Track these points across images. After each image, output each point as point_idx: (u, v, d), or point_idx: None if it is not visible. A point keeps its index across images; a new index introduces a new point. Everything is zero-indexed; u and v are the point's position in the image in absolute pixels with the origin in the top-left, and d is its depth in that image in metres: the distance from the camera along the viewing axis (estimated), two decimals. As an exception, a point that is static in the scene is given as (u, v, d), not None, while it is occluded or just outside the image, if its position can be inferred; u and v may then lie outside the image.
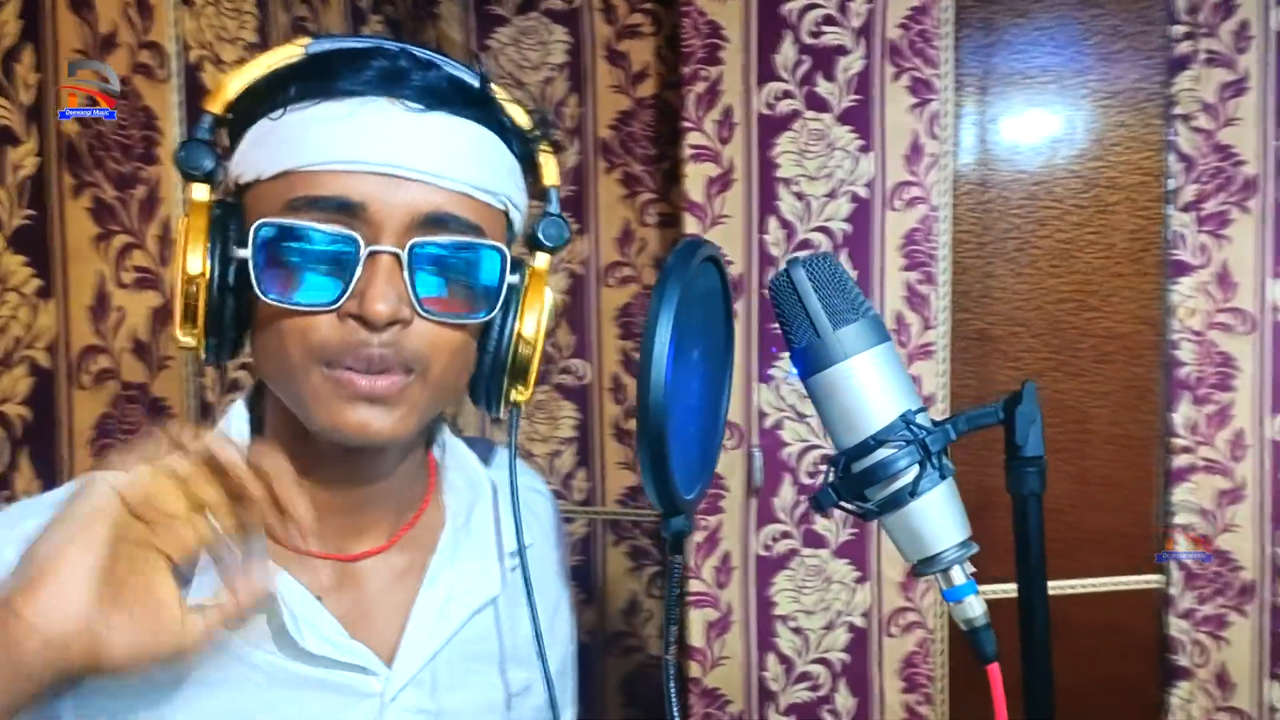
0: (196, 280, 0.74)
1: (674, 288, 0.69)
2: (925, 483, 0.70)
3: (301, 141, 0.73)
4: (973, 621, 0.73)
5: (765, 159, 1.82)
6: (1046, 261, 1.95)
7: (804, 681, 1.89)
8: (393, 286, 0.73)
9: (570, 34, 2.07)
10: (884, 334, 0.73)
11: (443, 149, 0.75)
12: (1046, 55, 1.92)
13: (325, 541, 0.84)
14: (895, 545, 0.74)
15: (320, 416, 0.76)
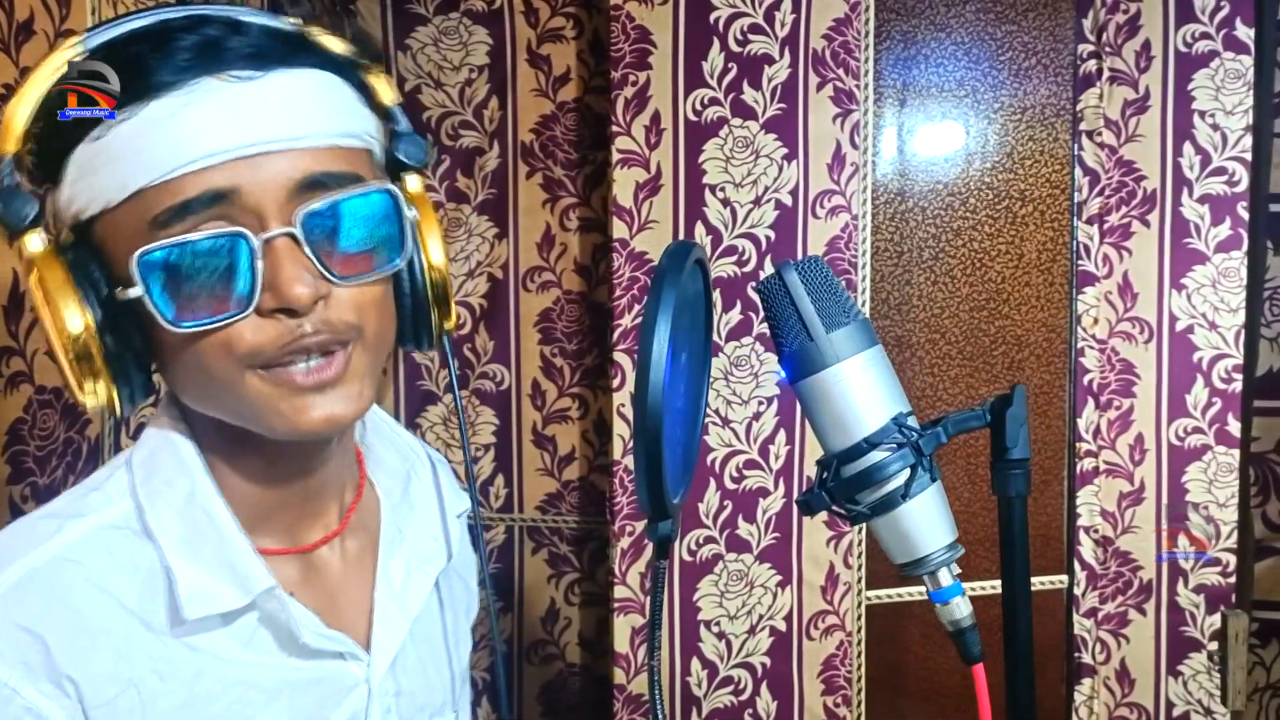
0: (82, 337, 0.68)
1: (670, 290, 0.68)
2: (917, 485, 0.71)
3: (140, 154, 0.66)
4: (959, 623, 0.74)
5: (693, 165, 1.82)
6: (961, 270, 2.00)
7: (727, 686, 1.90)
8: (301, 266, 0.68)
9: (491, 35, 2.04)
10: (874, 338, 0.74)
11: (289, 109, 0.69)
12: (963, 69, 1.97)
13: (280, 536, 0.81)
14: (884, 547, 0.74)
15: (273, 421, 0.71)
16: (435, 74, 2.04)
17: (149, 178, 0.66)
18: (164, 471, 0.76)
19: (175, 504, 0.75)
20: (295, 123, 0.69)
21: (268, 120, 0.68)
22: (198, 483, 0.75)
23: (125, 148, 0.66)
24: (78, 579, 0.71)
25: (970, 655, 0.74)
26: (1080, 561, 2.02)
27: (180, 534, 0.74)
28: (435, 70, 2.04)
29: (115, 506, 0.75)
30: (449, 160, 2.05)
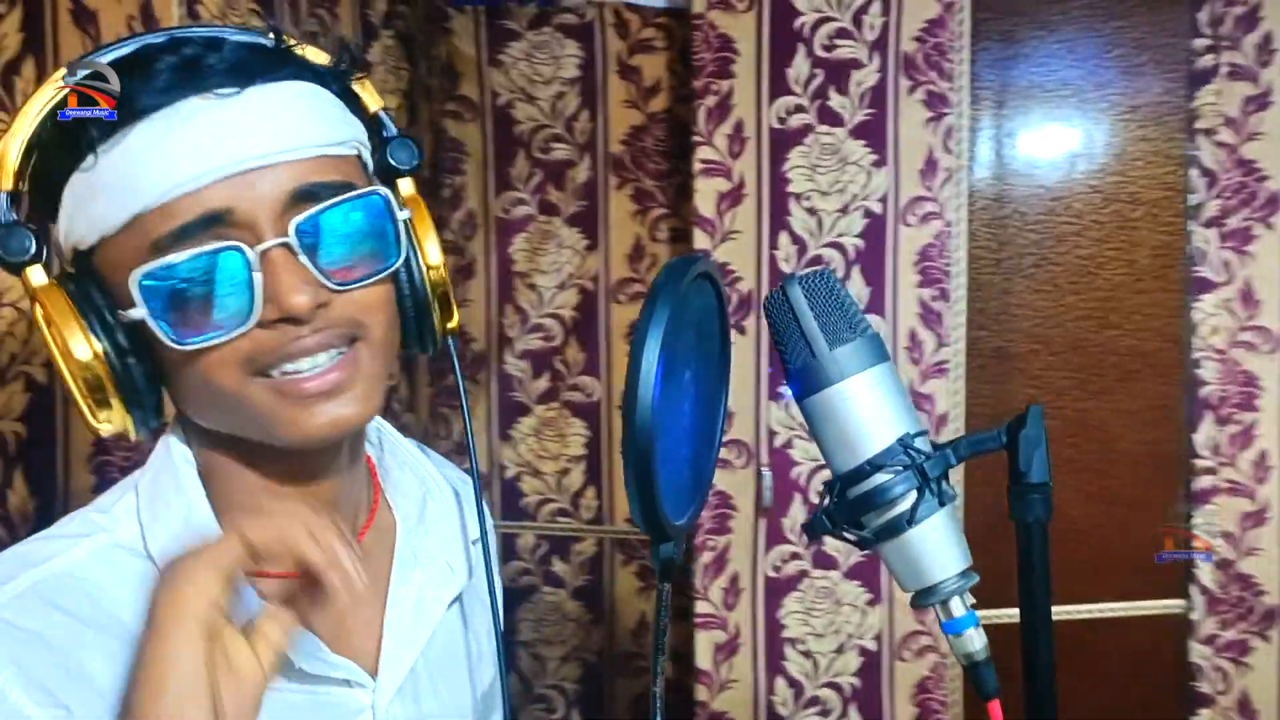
0: (91, 365, 0.68)
1: (664, 307, 0.66)
2: (923, 510, 0.67)
3: (132, 181, 0.67)
4: (973, 656, 0.69)
5: (777, 174, 1.79)
6: (1065, 278, 1.91)
7: (814, 706, 1.85)
8: (299, 275, 0.69)
9: (582, 48, 2.05)
10: (883, 354, 0.70)
11: (275, 122, 0.69)
12: (1067, 68, 1.89)
13: (289, 560, 0.81)
14: (893, 575, 0.70)
15: (281, 429, 0.72)
16: (527, 88, 2.06)
17: (144, 203, 0.67)
18: (164, 494, 0.77)
19: (173, 526, 0.75)
20: (281, 135, 0.70)
21: (254, 136, 0.68)
22: (194, 505, 0.76)
23: (116, 176, 0.67)
24: (78, 594, 0.72)
25: (986, 691, 0.70)
26: (1198, 585, 1.91)
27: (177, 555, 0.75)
28: (527, 84, 2.06)
29: (121, 528, 0.76)
30: (540, 174, 2.07)
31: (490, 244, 2.10)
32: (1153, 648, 1.97)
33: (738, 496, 1.82)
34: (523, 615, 2.16)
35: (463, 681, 0.90)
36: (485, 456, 2.14)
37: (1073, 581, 1.96)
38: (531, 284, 2.09)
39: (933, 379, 1.82)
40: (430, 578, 0.87)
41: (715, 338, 0.78)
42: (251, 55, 0.70)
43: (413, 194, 0.81)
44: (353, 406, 0.73)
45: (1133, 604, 1.95)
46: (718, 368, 0.80)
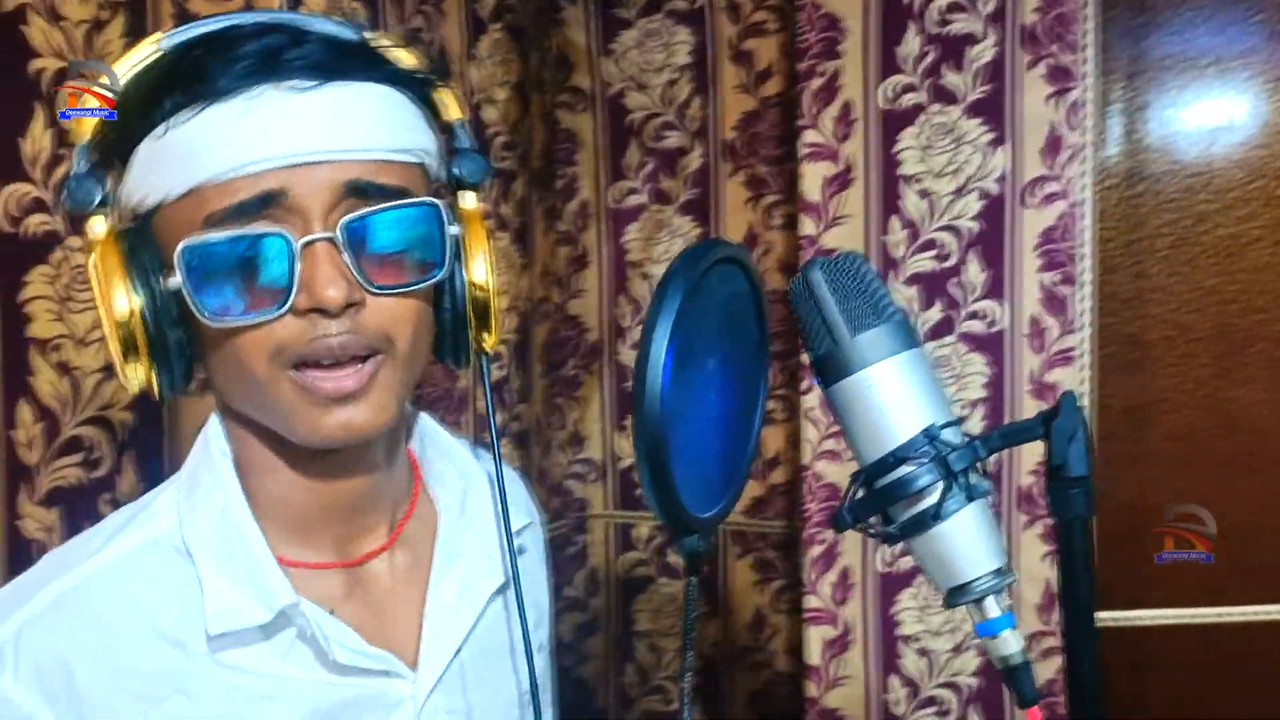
0: (128, 320, 0.70)
1: (675, 292, 0.64)
2: (950, 504, 0.63)
3: (199, 155, 0.69)
4: (1009, 659, 0.65)
5: (887, 156, 1.73)
6: (1206, 260, 1.79)
7: (930, 706, 1.79)
8: (338, 270, 0.70)
9: (694, 34, 2.03)
10: (911, 339, 0.67)
11: (345, 122, 0.71)
12: (1206, 36, 1.76)
13: (326, 550, 0.82)
14: (925, 573, 0.67)
15: (299, 428, 0.73)
16: (639, 77, 2.06)
17: (206, 176, 0.69)
18: (202, 485, 0.78)
19: (210, 518, 0.77)
20: (348, 134, 0.71)
21: (321, 131, 0.70)
22: (230, 496, 0.77)
23: (182, 148, 0.69)
24: (114, 597, 0.73)
25: (1025, 697, 0.65)
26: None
27: (214, 548, 0.76)
28: (638, 73, 2.05)
29: (160, 522, 0.77)
30: (653, 162, 2.06)
31: (603, 234, 2.10)
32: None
33: (848, 489, 1.77)
34: (639, 606, 2.16)
35: (505, 678, 0.90)
36: (600, 447, 2.15)
37: (1222, 583, 1.84)
38: (645, 274, 2.09)
39: (1057, 368, 1.73)
40: (471, 569, 0.87)
41: (750, 323, 0.76)
42: (335, 52, 0.72)
43: (474, 209, 0.81)
44: (366, 414, 0.73)
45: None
46: (754, 356, 0.77)
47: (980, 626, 0.66)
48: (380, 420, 0.74)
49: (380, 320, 0.72)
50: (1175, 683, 1.89)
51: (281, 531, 0.79)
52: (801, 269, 0.68)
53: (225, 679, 0.74)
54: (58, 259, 1.14)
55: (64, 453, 1.17)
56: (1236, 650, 1.84)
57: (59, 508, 1.16)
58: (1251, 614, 1.82)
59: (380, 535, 0.84)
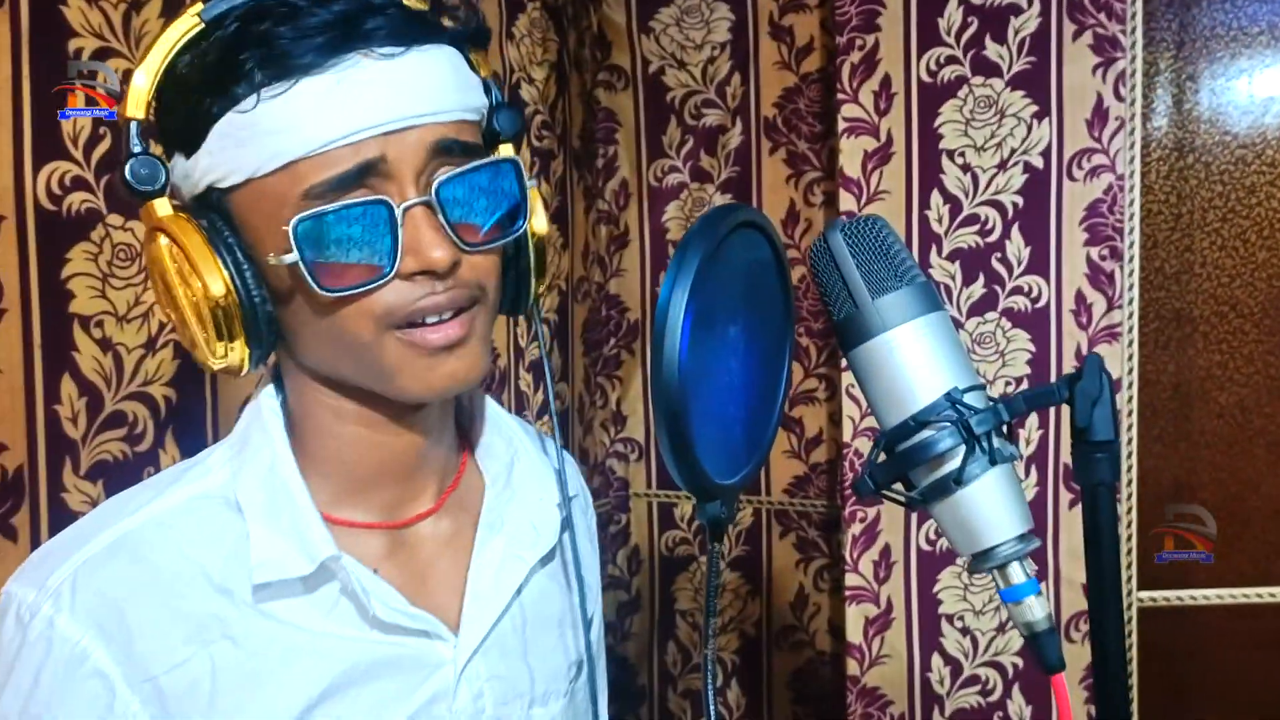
0: (224, 298, 0.71)
1: (693, 257, 0.64)
2: (973, 468, 0.63)
3: (295, 128, 0.69)
4: (1033, 625, 0.65)
5: (927, 130, 1.71)
6: (1257, 233, 1.75)
7: (973, 685, 1.78)
8: (438, 232, 0.72)
9: (733, 11, 2.01)
10: (934, 302, 0.66)
11: (429, 84, 0.72)
12: (1256, 4, 1.72)
13: (375, 511, 0.83)
14: (948, 539, 0.66)
15: (407, 383, 0.74)
16: (678, 54, 2.05)
17: (303, 150, 0.69)
18: (253, 443, 0.80)
19: (259, 474, 0.79)
20: (433, 98, 0.73)
21: (412, 96, 0.71)
22: (279, 453, 0.79)
23: (277, 122, 0.69)
24: (166, 543, 0.76)
25: (1049, 663, 0.65)
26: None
27: (262, 502, 0.78)
28: (678, 50, 2.05)
29: (212, 477, 0.79)
30: (692, 140, 2.05)
31: (644, 213, 2.10)
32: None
33: (888, 466, 1.76)
34: (681, 584, 2.16)
35: (552, 647, 0.90)
36: (642, 426, 2.16)
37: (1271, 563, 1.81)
38: (685, 252, 2.08)
39: (1102, 344, 1.71)
40: (515, 538, 0.88)
41: (774, 291, 0.76)
42: (410, 19, 0.73)
43: (517, 156, 0.82)
44: (468, 362, 0.75)
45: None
46: (779, 323, 0.77)
47: (1004, 593, 0.65)
48: (480, 368, 0.76)
49: (475, 273, 0.75)
50: (1223, 664, 1.86)
51: (334, 491, 0.81)
52: (822, 232, 0.68)
53: (268, 629, 0.76)
54: (99, 236, 1.16)
55: (107, 427, 1.19)
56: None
57: (102, 480, 1.18)
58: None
59: (428, 499, 0.86)
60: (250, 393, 0.85)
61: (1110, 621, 0.63)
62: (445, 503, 0.87)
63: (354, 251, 0.71)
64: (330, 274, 0.70)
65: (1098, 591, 0.65)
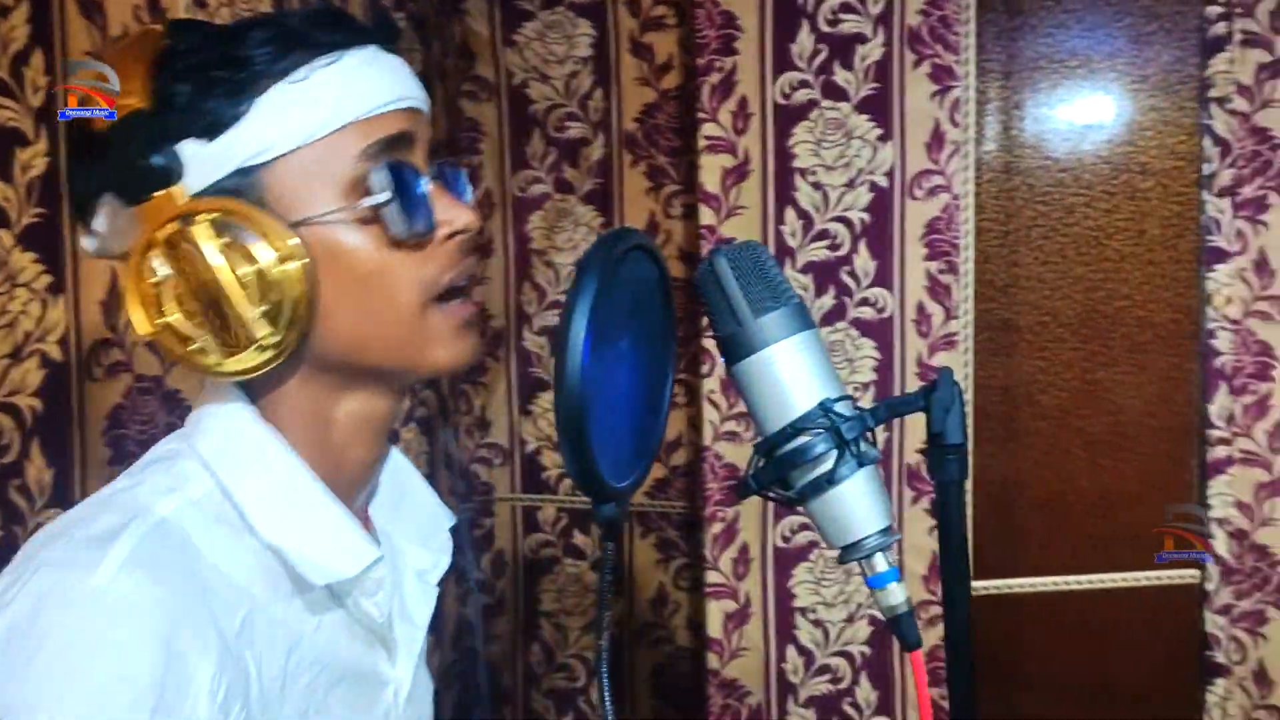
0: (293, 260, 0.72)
1: (591, 274, 0.69)
2: (843, 470, 0.70)
3: (352, 92, 0.74)
4: (894, 609, 0.72)
5: (782, 149, 1.81)
6: (1075, 250, 1.91)
7: (824, 674, 1.88)
8: (456, 200, 0.80)
9: (595, 27, 2.08)
10: (807, 321, 0.73)
11: (415, 81, 0.80)
12: (1075, 38, 1.88)
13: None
14: (820, 533, 0.73)
15: (440, 356, 0.79)
16: (541, 68, 2.10)
17: (362, 111, 0.75)
18: (250, 454, 0.77)
19: (271, 483, 0.77)
20: (420, 91, 0.82)
21: (414, 84, 0.80)
22: (292, 462, 0.77)
23: (334, 88, 0.74)
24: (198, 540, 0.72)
25: (908, 641, 0.73)
26: (1213, 555, 1.90)
27: (280, 512, 0.76)
28: (541, 64, 2.10)
29: (196, 485, 0.75)
30: (555, 152, 2.11)
31: (508, 222, 2.14)
32: (1169, 618, 1.97)
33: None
34: (544, 586, 2.21)
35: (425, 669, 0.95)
36: (506, 432, 2.20)
37: (1088, 552, 1.97)
38: (548, 261, 2.14)
39: (941, 351, 1.84)
40: (418, 564, 0.92)
41: (657, 309, 0.82)
42: (390, 24, 0.82)
43: None
44: (480, 339, 0.83)
45: (1147, 574, 1.96)
46: (662, 338, 0.83)
47: (870, 580, 0.73)
48: (482, 344, 0.83)
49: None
50: (1047, 647, 2.01)
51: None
52: (707, 255, 0.74)
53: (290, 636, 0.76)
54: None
55: (-28, 439, 1.18)
56: (1103, 616, 1.98)
57: (-32, 493, 1.17)
58: (1115, 580, 1.96)
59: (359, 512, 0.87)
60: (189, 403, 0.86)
61: (959, 609, 0.72)
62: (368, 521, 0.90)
63: (413, 210, 0.76)
64: (404, 221, 0.75)
65: (948, 577, 0.73)
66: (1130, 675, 1.99)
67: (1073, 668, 2.01)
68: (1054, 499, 1.96)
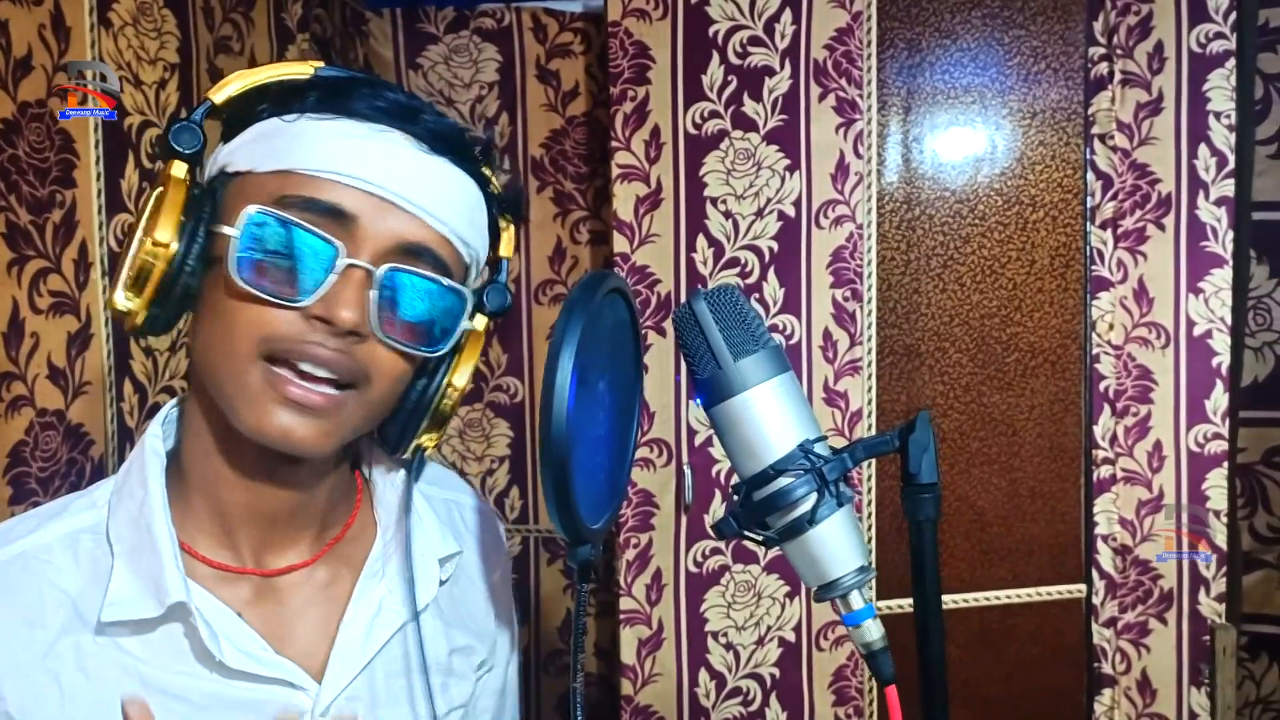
0: (159, 250, 0.75)
1: (577, 321, 0.69)
2: (823, 510, 0.72)
3: (310, 147, 0.76)
4: (871, 645, 0.74)
5: (694, 178, 1.84)
6: (971, 278, 1.98)
7: (736, 697, 1.90)
8: (361, 300, 0.76)
9: (501, 52, 2.07)
10: (784, 364, 0.75)
11: (439, 190, 0.79)
12: (970, 75, 1.96)
13: (243, 555, 0.84)
14: (797, 572, 0.75)
15: (247, 416, 0.76)
16: (446, 91, 2.08)
17: (302, 165, 0.76)
18: (130, 480, 0.82)
19: (131, 512, 0.80)
20: (433, 200, 0.79)
21: (415, 184, 0.78)
22: (150, 493, 0.80)
23: (300, 138, 0.77)
24: (36, 574, 0.77)
25: (883, 676, 0.74)
26: (1099, 570, 2.00)
27: (129, 541, 0.79)
28: (446, 88, 2.08)
29: (93, 512, 0.81)
30: (461, 177, 2.09)
31: (412, 247, 2.11)
32: (1059, 631, 2.06)
33: (660, 494, 1.86)
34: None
35: (406, 701, 0.90)
36: (409, 458, 2.16)
37: (983, 568, 2.04)
38: (453, 286, 2.11)
39: (846, 376, 1.88)
40: (392, 592, 0.89)
41: (629, 350, 0.82)
42: (457, 136, 0.81)
43: (482, 331, 0.90)
44: (310, 431, 0.77)
45: (1038, 589, 2.04)
46: (632, 378, 0.84)
47: (846, 617, 0.74)
48: (320, 444, 0.78)
49: (369, 361, 0.78)
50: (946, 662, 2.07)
51: (206, 526, 0.83)
52: (687, 300, 0.75)
53: (122, 662, 0.77)
54: None
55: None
56: (994, 629, 2.05)
57: None
58: (1005, 597, 2.04)
59: (303, 550, 0.87)
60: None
61: (933, 638, 0.74)
62: (325, 554, 0.88)
63: (283, 268, 0.75)
64: (253, 269, 0.75)
65: (923, 610, 0.75)
66: (1022, 687, 2.06)
67: (966, 681, 2.07)
68: (950, 518, 2.03)
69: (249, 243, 0.75)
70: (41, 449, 1.31)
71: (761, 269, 1.86)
